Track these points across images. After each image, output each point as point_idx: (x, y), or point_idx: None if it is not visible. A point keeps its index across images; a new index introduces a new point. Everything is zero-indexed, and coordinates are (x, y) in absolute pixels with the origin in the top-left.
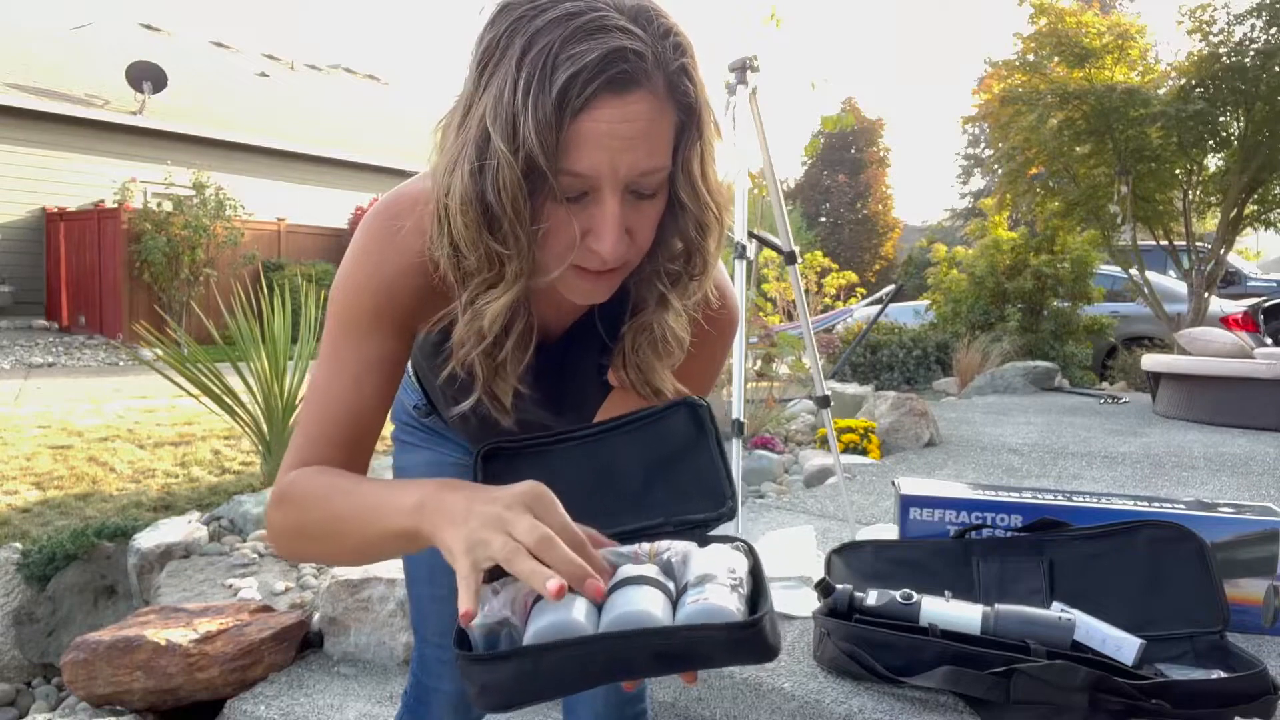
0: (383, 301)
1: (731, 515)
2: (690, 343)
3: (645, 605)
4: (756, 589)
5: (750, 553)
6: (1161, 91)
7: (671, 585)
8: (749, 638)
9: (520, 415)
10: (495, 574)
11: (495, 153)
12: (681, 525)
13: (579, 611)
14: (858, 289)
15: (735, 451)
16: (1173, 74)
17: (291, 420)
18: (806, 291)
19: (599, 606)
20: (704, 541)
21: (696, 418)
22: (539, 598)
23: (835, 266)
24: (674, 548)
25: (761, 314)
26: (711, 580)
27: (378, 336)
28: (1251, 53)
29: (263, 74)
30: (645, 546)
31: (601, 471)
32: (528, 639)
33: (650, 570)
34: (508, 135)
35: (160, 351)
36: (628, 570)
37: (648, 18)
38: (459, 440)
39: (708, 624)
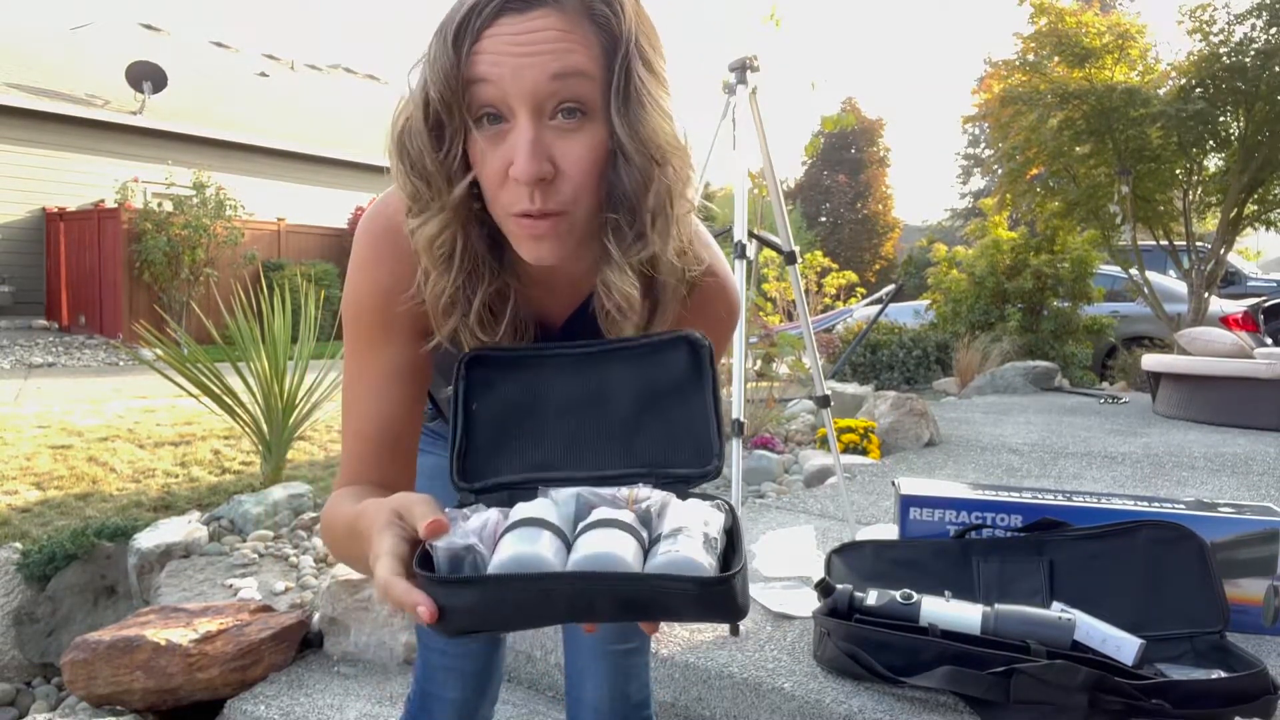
0: (386, 312)
1: (716, 474)
2: (678, 326)
3: (615, 549)
4: (731, 548)
5: (730, 513)
6: (1161, 91)
7: (645, 534)
8: (718, 594)
9: None
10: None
11: (412, 95)
12: (664, 479)
13: (545, 547)
14: (858, 289)
15: (735, 452)
16: (1173, 74)
17: (291, 420)
18: (806, 291)
19: (568, 545)
20: (684, 495)
21: (696, 356)
22: (509, 528)
23: (835, 266)
24: (653, 497)
25: (761, 314)
26: (685, 533)
27: (392, 346)
28: (1251, 53)
29: (263, 74)
30: (624, 492)
31: (592, 393)
32: (492, 568)
33: (625, 515)
34: (419, 80)
35: (160, 351)
36: (602, 513)
37: None
38: None
39: (678, 575)
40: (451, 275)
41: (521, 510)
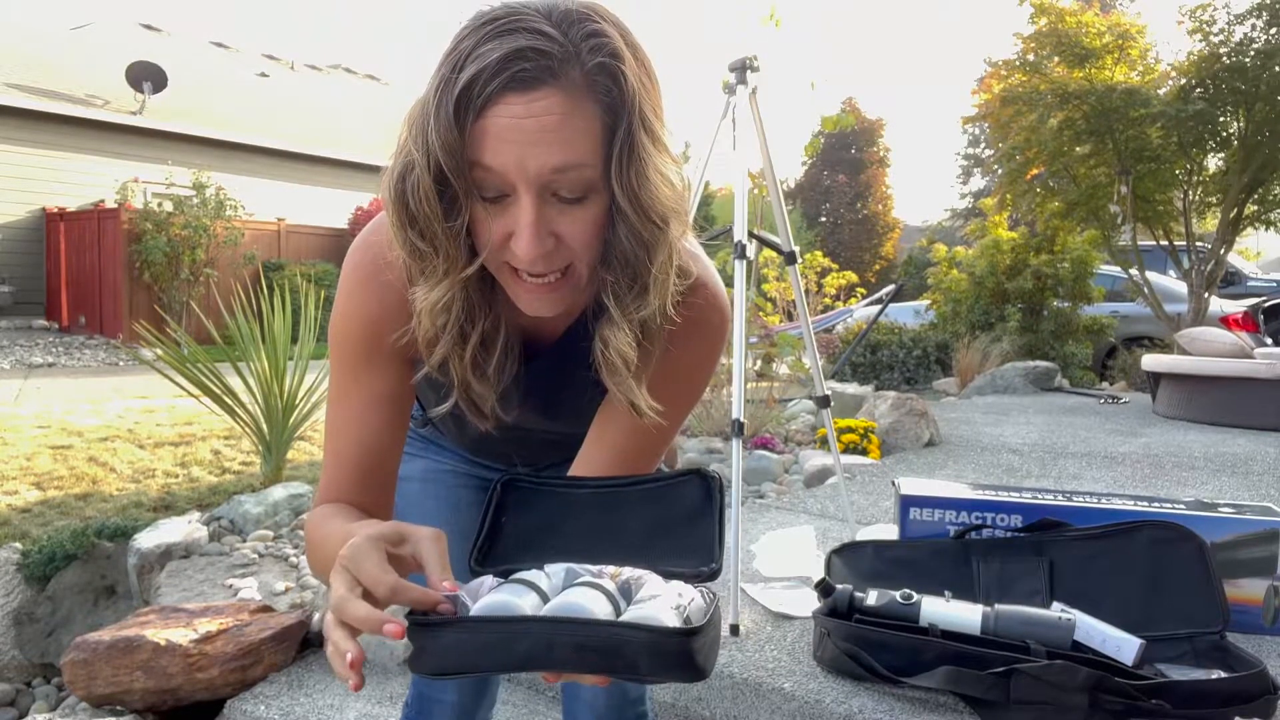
0: (371, 341)
1: (713, 576)
2: (667, 341)
3: (584, 602)
4: (705, 623)
5: (713, 600)
6: (1162, 91)
7: (623, 603)
8: (674, 646)
9: (516, 421)
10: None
11: (411, 155)
12: (664, 574)
13: (525, 602)
14: (858, 289)
15: (736, 451)
16: (1173, 74)
17: (291, 420)
18: (806, 291)
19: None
20: (667, 577)
21: (707, 489)
22: (497, 586)
23: (835, 266)
24: (636, 572)
25: (761, 314)
26: (656, 599)
27: (374, 374)
28: (1251, 53)
29: (263, 74)
30: (611, 568)
31: (607, 522)
32: (473, 613)
33: (605, 582)
34: (419, 140)
35: (160, 351)
36: (584, 578)
37: (573, 20)
38: (455, 449)
39: (633, 623)
40: (448, 325)
41: (514, 576)
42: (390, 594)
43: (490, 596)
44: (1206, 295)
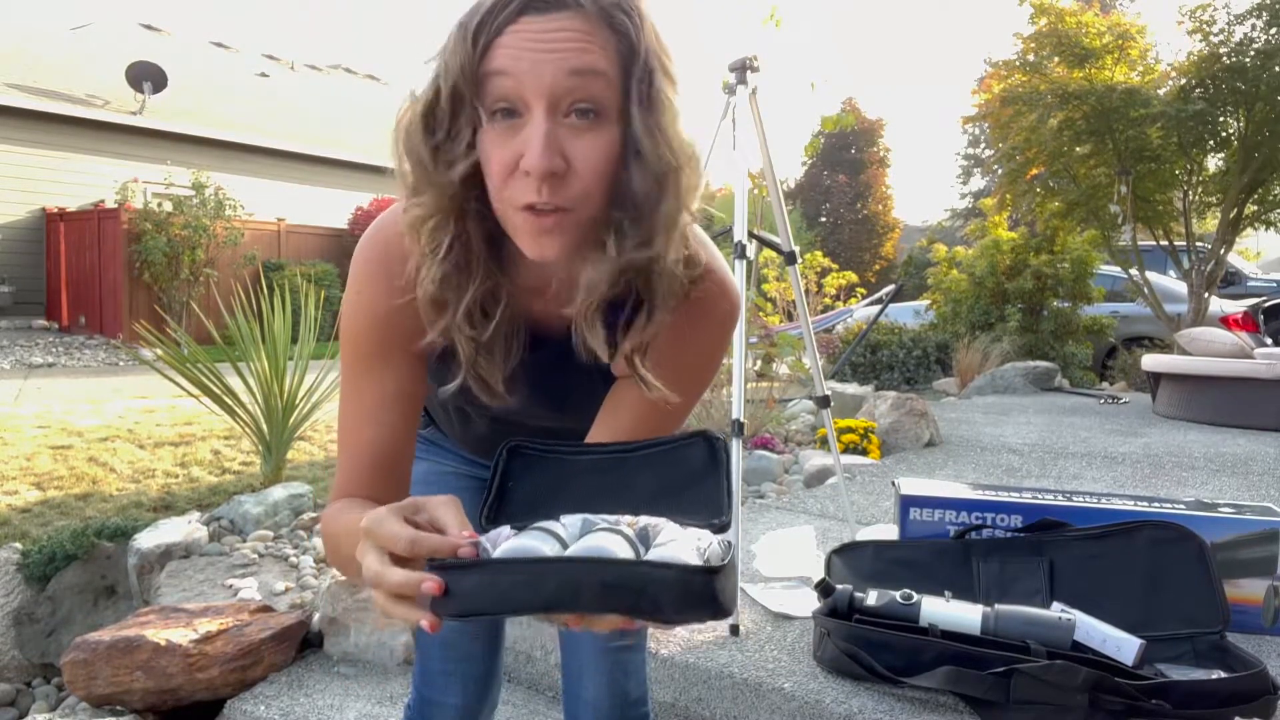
0: (383, 337)
1: (724, 529)
2: (677, 327)
3: (605, 543)
4: (728, 564)
5: (729, 546)
6: (1162, 92)
7: (642, 549)
8: (700, 584)
9: (522, 415)
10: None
11: (429, 86)
12: (678, 523)
13: (547, 546)
14: (858, 289)
15: (735, 451)
16: (1173, 74)
17: (291, 420)
18: (806, 291)
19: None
20: (684, 526)
21: (712, 451)
22: (517, 535)
23: (835, 266)
24: (652, 520)
25: (761, 314)
26: (676, 541)
27: (388, 370)
28: (1251, 53)
29: (263, 74)
30: (627, 517)
31: (613, 487)
32: (495, 556)
33: (623, 529)
34: (435, 70)
35: (160, 351)
36: (602, 525)
37: None
38: (456, 450)
39: (659, 562)
40: (439, 261)
41: (533, 525)
42: (410, 545)
43: (511, 541)
44: (1206, 295)
